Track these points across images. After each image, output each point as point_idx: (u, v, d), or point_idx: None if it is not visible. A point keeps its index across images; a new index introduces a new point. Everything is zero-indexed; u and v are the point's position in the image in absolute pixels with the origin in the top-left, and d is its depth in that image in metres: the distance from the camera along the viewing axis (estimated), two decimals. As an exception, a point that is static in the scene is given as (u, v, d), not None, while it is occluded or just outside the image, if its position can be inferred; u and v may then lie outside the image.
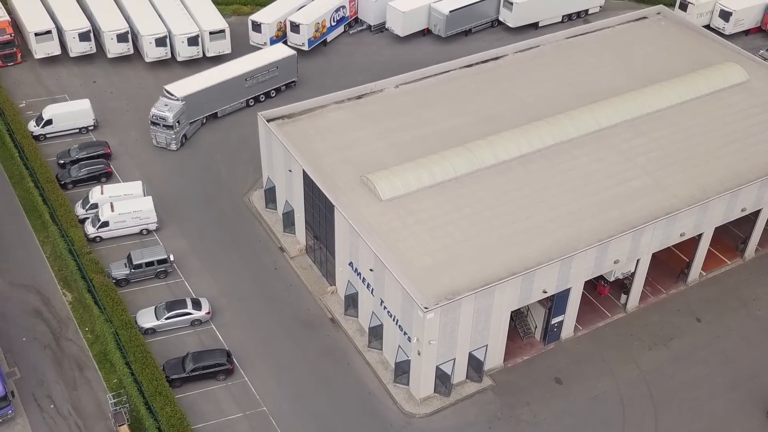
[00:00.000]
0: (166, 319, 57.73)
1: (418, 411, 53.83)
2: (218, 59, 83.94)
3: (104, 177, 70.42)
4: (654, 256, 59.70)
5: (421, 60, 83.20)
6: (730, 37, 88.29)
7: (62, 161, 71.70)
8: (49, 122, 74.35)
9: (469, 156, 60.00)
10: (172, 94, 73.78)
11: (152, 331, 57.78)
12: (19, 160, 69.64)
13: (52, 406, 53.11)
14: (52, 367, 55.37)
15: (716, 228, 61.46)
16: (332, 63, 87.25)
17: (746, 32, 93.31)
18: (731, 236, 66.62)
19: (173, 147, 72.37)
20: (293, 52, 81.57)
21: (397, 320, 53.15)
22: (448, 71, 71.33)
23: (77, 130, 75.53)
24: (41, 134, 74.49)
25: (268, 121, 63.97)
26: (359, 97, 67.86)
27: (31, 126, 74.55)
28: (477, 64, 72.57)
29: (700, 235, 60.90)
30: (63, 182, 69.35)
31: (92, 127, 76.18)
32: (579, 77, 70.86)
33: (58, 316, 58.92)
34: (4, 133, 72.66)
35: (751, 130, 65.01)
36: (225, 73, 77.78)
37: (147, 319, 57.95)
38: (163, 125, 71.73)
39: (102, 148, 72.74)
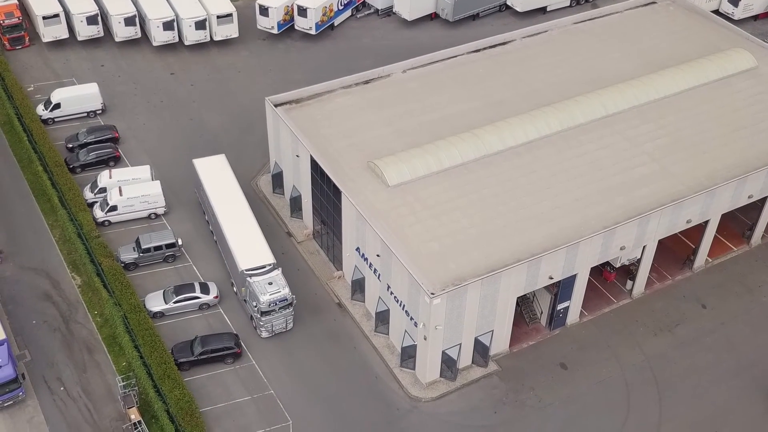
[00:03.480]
0: (174, 303, 58.17)
1: (424, 395, 54.27)
2: (225, 44, 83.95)
3: (112, 161, 70.71)
4: (660, 242, 59.82)
5: (428, 44, 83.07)
6: (739, 23, 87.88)
7: (70, 145, 71.98)
8: (57, 106, 74.59)
9: (476, 142, 60.07)
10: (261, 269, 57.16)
11: (161, 314, 58.26)
12: (27, 144, 69.95)
13: (62, 388, 53.71)
14: (61, 350, 55.93)
15: (723, 215, 61.49)
16: (340, 47, 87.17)
17: (755, 17, 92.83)
18: (738, 223, 66.65)
19: (291, 324, 57.70)
20: None
21: (404, 305, 53.49)
22: (456, 56, 71.24)
23: (85, 114, 75.80)
24: (49, 118, 74.79)
25: (276, 105, 64.08)
26: (366, 82, 67.87)
27: (40, 110, 74.82)
28: (485, 49, 72.44)
29: (706, 222, 60.96)
30: (71, 166, 69.69)
31: (100, 111, 76.41)
32: (587, 63, 70.69)
33: (68, 300, 59.42)
34: (12, 117, 72.96)
35: (759, 116, 64.87)
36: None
37: (155, 302, 58.40)
38: (281, 307, 56.25)
39: (110, 132, 72.99)
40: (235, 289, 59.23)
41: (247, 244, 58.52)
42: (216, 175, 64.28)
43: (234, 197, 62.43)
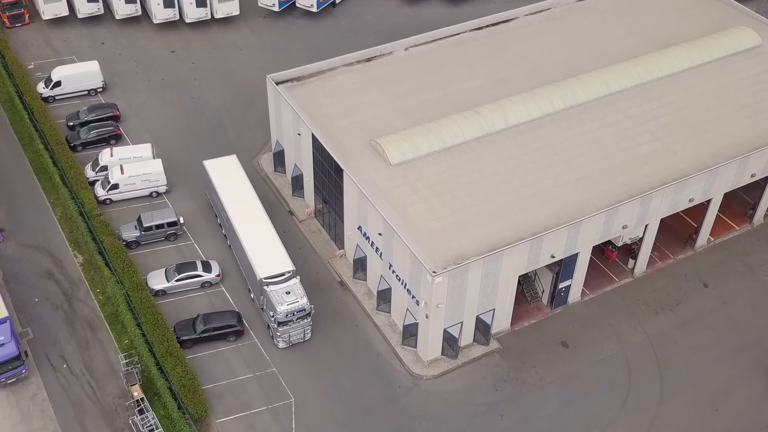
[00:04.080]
0: (176, 281, 58.25)
1: (426, 373, 54.47)
2: (226, 21, 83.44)
3: (113, 139, 70.56)
4: (662, 221, 59.76)
5: (431, 22, 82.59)
6: (744, 0, 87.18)
7: (71, 123, 71.80)
8: (57, 84, 74.33)
9: (478, 120, 59.85)
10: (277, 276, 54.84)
11: (163, 293, 58.35)
12: (28, 122, 69.78)
13: (64, 365, 53.91)
14: (64, 328, 56.09)
15: (725, 193, 61.37)
16: (341, 25, 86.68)
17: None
18: (740, 202, 66.55)
19: (309, 334, 55.89)
20: None
21: (406, 284, 53.54)
22: (459, 34, 70.82)
23: (86, 92, 75.53)
24: (50, 96, 74.55)
25: (277, 83, 63.80)
26: (368, 60, 67.53)
27: (40, 88, 74.57)
28: (487, 26, 71.98)
29: (708, 201, 60.86)
30: (72, 144, 69.56)
31: (101, 89, 76.16)
32: (590, 41, 70.29)
33: (70, 278, 59.51)
34: (13, 95, 72.72)
35: (763, 95, 64.54)
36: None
37: (157, 281, 58.48)
38: (299, 318, 54.39)
39: (111, 110, 72.78)
40: (252, 296, 57.46)
41: (265, 250, 56.00)
42: (228, 177, 61.67)
43: (248, 201, 59.80)
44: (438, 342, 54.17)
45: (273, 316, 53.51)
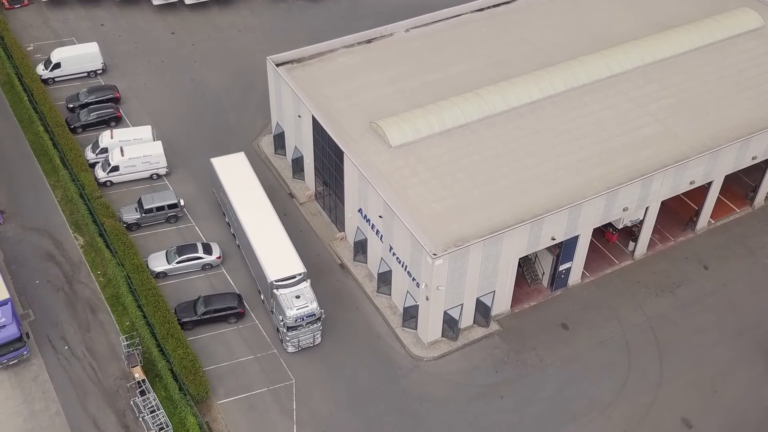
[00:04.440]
0: (177, 263, 58.32)
1: (426, 354, 54.64)
2: (226, 3, 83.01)
3: (113, 121, 70.42)
4: (663, 203, 59.74)
5: (431, 3, 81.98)
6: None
7: (71, 105, 71.64)
8: (57, 66, 74.09)
9: (479, 102, 59.68)
10: (290, 277, 53.37)
11: (163, 274, 58.44)
12: (28, 104, 69.61)
13: (66, 347, 54.09)
14: (65, 310, 56.23)
15: (726, 176, 61.30)
16: (341, 6, 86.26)
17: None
18: (741, 184, 66.49)
19: (319, 339, 54.61)
20: None
21: (406, 266, 53.59)
22: (460, 15, 70.51)
23: (85, 74, 75.29)
24: (50, 78, 74.33)
25: (277, 65, 63.57)
26: (369, 41, 67.27)
27: (40, 69, 74.34)
28: (489, 8, 71.67)
29: (709, 183, 60.79)
30: (72, 126, 69.44)
31: (100, 71, 75.93)
32: (591, 22, 69.95)
33: (71, 260, 59.59)
34: (12, 77, 72.51)
35: (765, 77, 64.31)
36: None
37: (158, 263, 58.54)
38: (308, 322, 53.06)
39: (111, 92, 72.59)
40: (262, 297, 56.26)
41: (275, 252, 54.61)
42: (237, 176, 60.21)
43: (258, 201, 58.44)
44: (438, 324, 54.31)
45: (282, 321, 52.24)
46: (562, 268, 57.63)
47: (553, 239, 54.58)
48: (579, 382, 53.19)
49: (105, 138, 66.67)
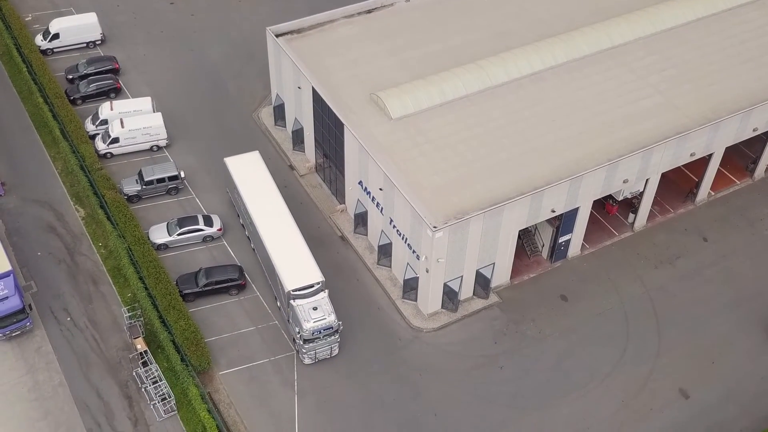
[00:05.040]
0: (178, 235, 58.48)
1: (426, 326, 55.01)
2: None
3: (113, 92, 70.19)
4: (663, 175, 59.73)
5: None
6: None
7: (70, 76, 71.34)
8: (56, 36, 73.67)
9: (480, 73, 59.43)
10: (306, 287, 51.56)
11: (164, 246, 58.64)
12: (27, 75, 69.32)
13: (68, 318, 54.45)
14: (67, 282, 56.51)
15: (727, 148, 61.23)
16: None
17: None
18: (741, 156, 66.44)
19: (336, 350, 52.94)
20: None
21: (406, 238, 53.75)
22: (460, -15, 69.93)
23: (84, 45, 74.89)
24: (48, 48, 73.94)
25: (277, 36, 63.21)
26: (369, 12, 66.81)
27: (38, 40, 73.92)
28: (489, -22, 70.99)
29: (710, 155, 60.74)
30: (72, 98, 69.22)
31: (99, 42, 75.50)
32: (593, -8, 69.40)
33: (72, 232, 59.76)
34: (11, 48, 72.11)
35: (767, 48, 63.93)
36: None
37: (159, 235, 58.71)
38: (326, 335, 51.36)
39: (110, 63, 72.25)
40: (279, 304, 54.69)
41: (293, 260, 52.60)
42: (251, 178, 58.00)
43: (274, 205, 56.15)
44: (438, 296, 54.60)
45: (299, 333, 50.62)
46: (561, 240, 57.80)
47: (553, 211, 54.68)
48: (578, 353, 53.60)
49: (105, 109, 66.51)
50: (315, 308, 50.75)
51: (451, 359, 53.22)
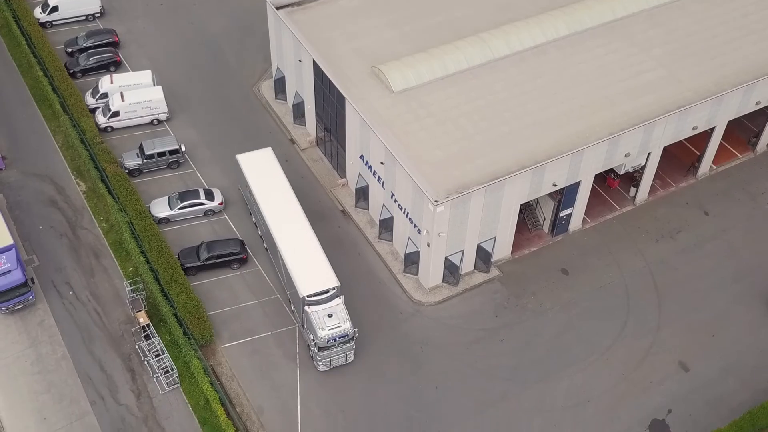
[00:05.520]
0: (179, 209, 58.49)
1: (427, 299, 55.18)
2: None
3: (113, 66, 69.85)
4: (665, 149, 59.60)
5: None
6: None
7: (70, 49, 70.97)
8: (55, 9, 73.17)
9: (482, 46, 59.08)
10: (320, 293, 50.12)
11: (166, 220, 58.68)
12: (26, 49, 68.94)
13: (71, 292, 54.62)
14: (69, 255, 56.62)
15: (729, 121, 61.03)
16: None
17: None
18: (743, 130, 66.25)
19: (352, 357, 51.62)
20: None
21: (408, 213, 53.76)
22: (462, -43, 69.24)
23: (84, 18, 74.39)
24: (47, 21, 73.46)
25: (278, 8, 62.75)
26: (370, -16, 66.23)
27: (37, 13, 73.43)
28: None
29: (712, 129, 60.57)
30: (71, 71, 68.90)
31: (99, 15, 75.01)
32: (596, -36, 68.68)
33: (73, 206, 59.77)
34: (10, 21, 71.65)
35: (771, 20, 63.58)
36: None
37: (160, 208, 58.73)
38: (341, 343, 50.16)
39: (110, 36, 71.82)
40: (292, 306, 53.35)
41: (308, 264, 51.02)
42: (265, 176, 56.44)
43: (288, 206, 54.50)
44: (439, 270, 54.72)
45: (313, 340, 49.43)
46: (563, 213, 57.81)
47: (555, 185, 54.63)
48: (578, 327, 53.84)
49: (105, 83, 66.23)
50: (330, 315, 49.37)
51: (452, 333, 53.46)
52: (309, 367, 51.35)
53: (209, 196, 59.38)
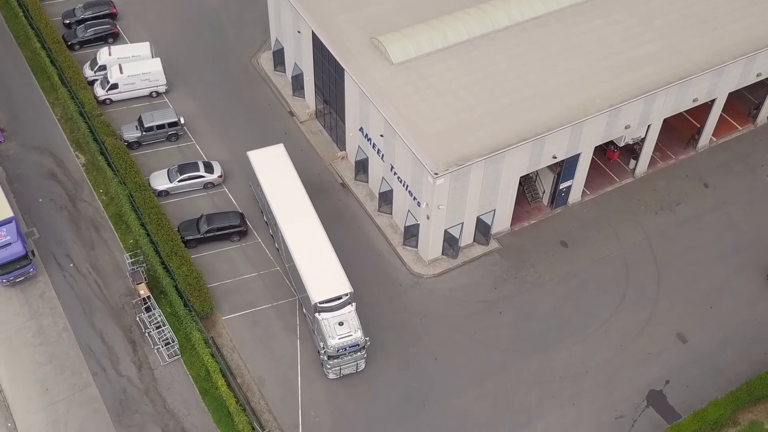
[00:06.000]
0: (179, 181, 58.47)
1: (426, 272, 55.36)
2: None
3: (111, 37, 69.44)
4: (665, 121, 59.44)
5: None
6: None
7: (67, 21, 70.50)
8: (51, -20, 72.65)
9: (482, 17, 58.68)
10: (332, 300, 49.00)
11: (165, 193, 58.69)
12: (24, 20, 68.49)
13: (71, 264, 54.77)
14: (69, 228, 56.70)
15: (729, 93, 60.81)
16: None
17: None
18: (744, 102, 66.03)
19: (363, 366, 50.39)
20: None
21: (407, 185, 53.75)
22: (462, -73, 68.53)
23: (81, -11, 73.90)
24: (44, -8, 72.98)
25: (276, -20, 62.34)
26: (369, -45, 65.61)
27: (34, -16, 72.79)
28: None
29: (712, 101, 60.37)
30: (69, 43, 68.51)
31: (96, -14, 74.39)
32: (598, -66, 68.05)
33: (73, 178, 59.74)
34: (6, -8, 71.20)
35: (773, -9, 63.07)
36: None
37: (160, 181, 58.71)
38: (351, 352, 48.96)
39: (108, 7, 71.31)
40: (304, 310, 52.36)
41: (320, 269, 49.80)
42: (276, 175, 54.89)
43: (301, 207, 53.05)
44: (439, 242, 54.83)
45: (323, 348, 48.45)
46: (562, 186, 57.80)
47: (555, 157, 54.57)
48: (577, 298, 54.07)
49: (103, 55, 65.88)
50: (341, 323, 48.22)
51: (451, 305, 53.71)
52: (309, 339, 51.65)
53: (209, 168, 59.33)
